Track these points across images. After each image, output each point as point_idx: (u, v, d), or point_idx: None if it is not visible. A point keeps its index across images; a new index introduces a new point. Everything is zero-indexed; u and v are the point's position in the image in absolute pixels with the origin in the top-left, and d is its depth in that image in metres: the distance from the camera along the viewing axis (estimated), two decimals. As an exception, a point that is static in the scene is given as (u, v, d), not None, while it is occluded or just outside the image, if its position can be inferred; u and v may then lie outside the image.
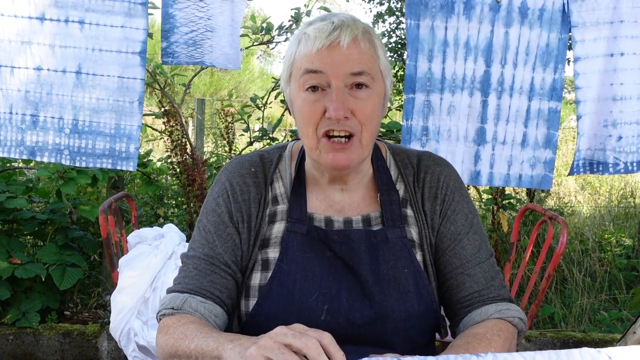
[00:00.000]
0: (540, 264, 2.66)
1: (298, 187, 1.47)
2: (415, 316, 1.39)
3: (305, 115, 1.36)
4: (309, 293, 1.37)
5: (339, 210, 1.47)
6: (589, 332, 3.71)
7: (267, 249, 1.43)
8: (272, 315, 1.36)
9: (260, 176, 1.48)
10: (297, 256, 1.40)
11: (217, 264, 1.41)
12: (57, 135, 2.69)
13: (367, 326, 1.37)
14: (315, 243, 1.41)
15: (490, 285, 1.45)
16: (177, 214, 4.74)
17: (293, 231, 1.42)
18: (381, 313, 1.37)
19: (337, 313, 1.36)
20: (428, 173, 1.51)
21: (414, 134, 2.79)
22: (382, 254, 1.41)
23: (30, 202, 4.00)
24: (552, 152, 2.87)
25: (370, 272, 1.38)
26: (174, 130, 3.96)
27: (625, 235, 5.38)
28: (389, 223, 1.44)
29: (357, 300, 1.37)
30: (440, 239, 1.47)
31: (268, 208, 1.46)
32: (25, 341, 3.40)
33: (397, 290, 1.38)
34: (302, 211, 1.44)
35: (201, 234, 1.45)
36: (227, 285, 1.41)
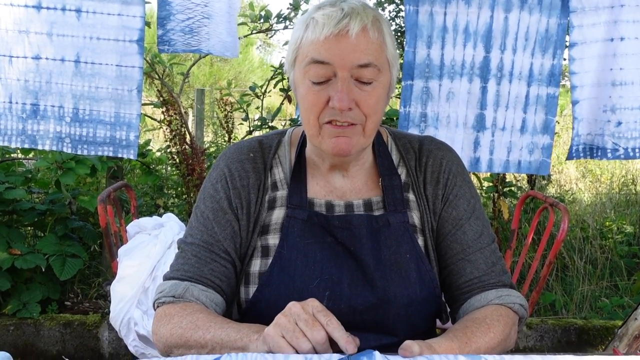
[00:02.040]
0: (541, 251, 2.65)
1: (298, 173, 1.45)
2: (417, 301, 1.39)
3: (309, 103, 1.35)
4: (310, 279, 1.36)
5: (340, 196, 1.46)
6: (590, 319, 3.70)
7: (266, 235, 1.42)
8: (273, 302, 1.35)
9: (259, 162, 1.47)
10: (298, 242, 1.39)
11: (217, 252, 1.40)
12: (58, 124, 2.69)
13: (369, 312, 1.36)
14: (316, 229, 1.40)
15: (491, 271, 1.44)
16: (177, 204, 4.73)
17: (293, 217, 1.41)
18: (383, 298, 1.36)
19: (338, 299, 1.35)
20: (430, 157, 1.49)
21: (412, 120, 2.78)
22: (383, 239, 1.40)
23: (29, 192, 3.99)
24: (550, 137, 2.86)
25: (372, 257, 1.38)
26: (173, 119, 3.94)
27: (626, 222, 5.37)
28: (391, 208, 1.43)
29: (359, 285, 1.36)
30: (442, 224, 1.46)
31: (267, 194, 1.45)
32: (26, 332, 3.40)
33: (399, 276, 1.37)
34: (302, 197, 1.43)
35: (199, 220, 1.44)
36: (227, 273, 1.40)
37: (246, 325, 1.23)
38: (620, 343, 2.69)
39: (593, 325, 3.56)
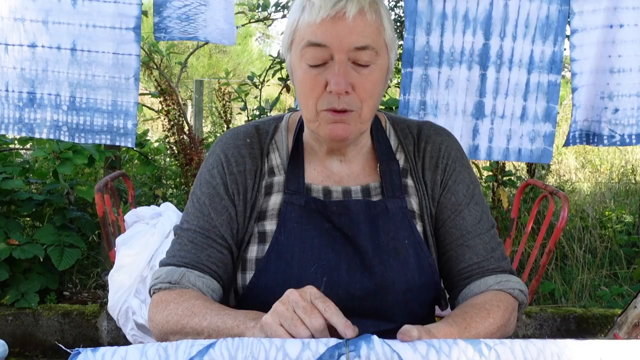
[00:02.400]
0: (541, 239, 2.64)
1: (295, 158, 1.44)
2: (416, 288, 1.38)
3: (307, 88, 1.33)
4: (308, 265, 1.35)
5: (338, 181, 1.44)
6: (589, 308, 3.70)
7: (263, 221, 1.41)
8: (270, 288, 1.33)
9: (255, 147, 1.45)
10: (295, 228, 1.37)
11: (214, 237, 1.38)
12: (55, 112, 2.68)
13: (367, 298, 1.35)
14: (313, 215, 1.38)
15: (491, 256, 1.42)
16: (176, 195, 4.72)
17: (290, 203, 1.39)
18: (381, 284, 1.35)
19: (336, 285, 1.34)
20: (429, 143, 1.48)
21: (411, 108, 2.76)
22: (382, 224, 1.38)
23: (27, 183, 3.98)
24: (552, 125, 2.84)
25: (370, 243, 1.36)
26: (171, 109, 3.93)
27: (625, 212, 5.37)
28: (389, 194, 1.42)
29: (357, 271, 1.35)
30: (441, 210, 1.45)
31: (264, 180, 1.44)
32: (25, 322, 3.39)
33: (397, 262, 1.36)
34: (299, 182, 1.41)
35: (195, 206, 1.42)
36: (224, 259, 1.39)
37: (243, 312, 1.22)
38: (619, 331, 2.69)
39: (592, 314, 3.55)
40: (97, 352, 0.99)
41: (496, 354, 1.00)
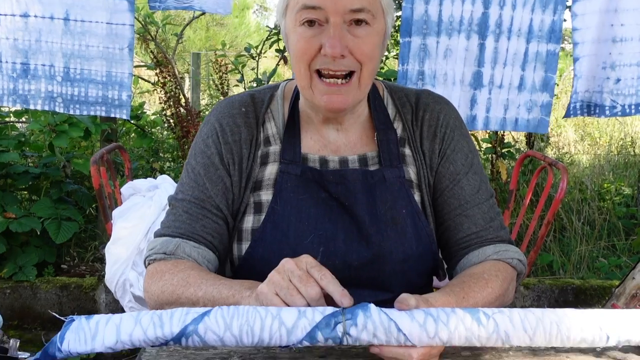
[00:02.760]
0: (539, 211, 2.63)
1: (292, 127, 1.41)
2: (414, 257, 1.36)
3: (300, 51, 1.29)
4: (304, 235, 1.33)
5: (334, 150, 1.42)
6: (587, 279, 3.71)
7: (259, 191, 1.39)
8: (266, 258, 1.32)
9: (251, 116, 1.42)
10: (291, 198, 1.35)
11: (209, 208, 1.36)
12: (49, 83, 2.65)
13: (364, 268, 1.34)
14: (309, 184, 1.36)
15: (489, 226, 1.41)
16: (173, 168, 4.70)
17: (287, 172, 1.37)
18: (378, 254, 1.34)
19: (333, 255, 1.33)
20: (427, 111, 1.45)
21: (409, 78, 2.73)
22: (379, 194, 1.36)
23: (23, 156, 3.95)
24: (550, 95, 2.82)
25: (367, 212, 1.35)
26: (167, 81, 3.89)
27: (624, 184, 5.36)
28: (387, 163, 1.39)
29: (354, 241, 1.34)
30: (439, 179, 1.43)
31: (260, 149, 1.41)
32: (23, 295, 3.40)
33: (394, 231, 1.35)
34: (295, 152, 1.39)
35: (190, 176, 1.40)
36: (219, 229, 1.37)
37: (238, 282, 1.21)
38: (617, 302, 2.69)
39: (590, 285, 3.56)
40: (91, 320, 0.98)
41: (495, 322, 1.00)
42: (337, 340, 0.98)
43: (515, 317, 1.01)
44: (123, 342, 0.97)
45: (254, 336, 0.97)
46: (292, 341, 0.97)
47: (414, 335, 0.98)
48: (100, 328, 0.97)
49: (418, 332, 0.98)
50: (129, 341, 0.97)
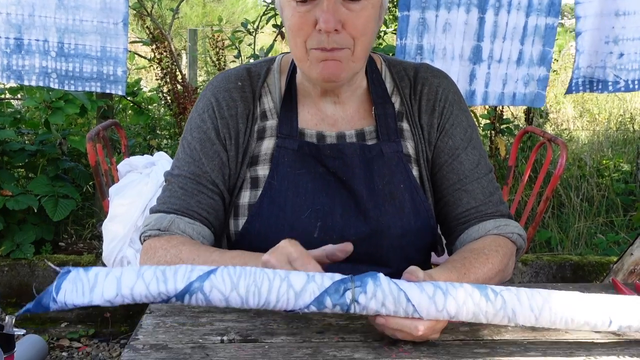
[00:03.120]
0: (538, 187, 2.62)
1: (288, 102, 1.39)
2: (412, 232, 1.35)
3: (295, 26, 1.27)
4: (301, 210, 1.32)
5: (332, 125, 1.40)
6: (585, 255, 3.71)
7: (256, 166, 1.37)
8: (263, 234, 1.31)
9: (247, 90, 1.40)
10: (288, 173, 1.34)
11: (204, 183, 1.35)
12: (44, 59, 2.62)
13: (362, 243, 1.32)
14: (307, 159, 1.35)
15: (489, 201, 1.40)
16: (170, 145, 4.68)
17: (284, 147, 1.35)
18: (376, 229, 1.33)
19: (330, 229, 1.31)
20: (425, 85, 1.43)
21: (408, 53, 2.71)
22: (377, 169, 1.35)
23: (19, 134, 3.92)
24: (547, 69, 2.80)
25: (365, 187, 1.33)
26: (163, 57, 3.85)
27: (623, 160, 5.35)
28: (384, 137, 1.38)
29: (352, 216, 1.33)
30: (437, 154, 1.41)
31: (256, 124, 1.39)
32: (21, 272, 3.39)
33: (392, 206, 1.34)
34: (292, 126, 1.37)
35: (186, 151, 1.38)
36: (215, 205, 1.36)
37: (230, 255, 1.20)
38: (615, 278, 2.69)
39: (588, 261, 3.56)
40: (90, 272, 0.95)
41: (502, 299, 0.99)
42: (345, 308, 0.97)
43: (523, 295, 1.01)
44: (123, 296, 0.94)
45: (260, 297, 0.95)
46: (300, 305, 0.96)
47: (423, 306, 0.98)
48: (100, 280, 0.94)
49: (427, 304, 0.98)
50: (130, 295, 0.94)
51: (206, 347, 1.03)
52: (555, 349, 1.05)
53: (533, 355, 1.03)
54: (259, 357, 1.00)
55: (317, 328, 1.12)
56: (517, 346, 1.06)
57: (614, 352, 1.04)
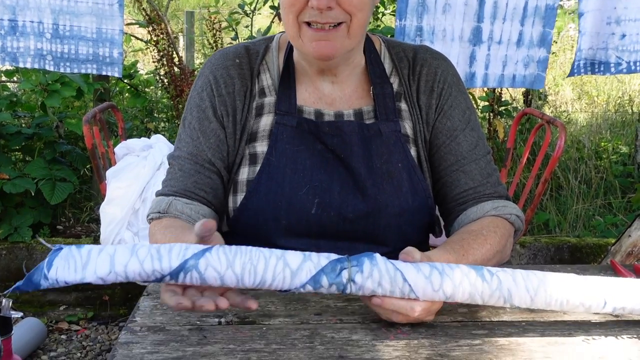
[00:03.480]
0: (537, 169, 2.61)
1: (287, 79, 1.39)
2: (409, 211, 1.35)
3: (287, 2, 1.26)
4: (299, 186, 1.32)
5: (330, 104, 1.40)
6: (583, 237, 3.72)
7: (254, 142, 1.37)
8: (261, 209, 1.32)
9: (245, 68, 1.40)
10: (287, 149, 1.34)
11: (201, 163, 1.35)
12: (39, 40, 2.59)
13: (360, 220, 1.33)
14: (305, 136, 1.35)
15: (487, 182, 1.39)
16: (168, 128, 4.66)
17: (282, 124, 1.35)
18: (374, 207, 1.33)
19: (328, 206, 1.32)
20: (425, 66, 1.43)
21: (407, 34, 2.69)
22: (375, 148, 1.35)
23: (15, 117, 3.90)
24: (547, 51, 2.77)
25: (363, 165, 1.33)
26: (160, 39, 3.82)
27: (621, 142, 5.34)
28: (382, 117, 1.37)
29: (350, 193, 1.33)
30: (435, 135, 1.41)
31: (255, 101, 1.39)
32: (19, 255, 3.39)
33: (390, 185, 1.34)
34: (291, 103, 1.37)
35: (186, 131, 1.39)
36: (212, 184, 1.36)
37: None
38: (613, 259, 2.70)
39: (586, 243, 3.57)
40: (83, 249, 0.93)
41: (498, 280, 0.99)
42: (341, 287, 0.97)
43: (518, 276, 1.01)
44: (117, 273, 0.92)
45: (256, 276, 0.95)
46: (296, 284, 0.96)
47: (419, 286, 0.98)
48: (93, 257, 0.92)
49: (423, 283, 0.98)
50: (124, 272, 0.92)
51: (204, 329, 1.03)
52: (554, 330, 1.05)
53: (531, 336, 1.03)
54: (256, 339, 1.00)
55: (315, 310, 1.12)
56: (515, 327, 1.06)
57: (612, 333, 1.05)
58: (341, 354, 0.96)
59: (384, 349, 0.97)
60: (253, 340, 0.99)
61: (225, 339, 0.99)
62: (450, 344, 1.00)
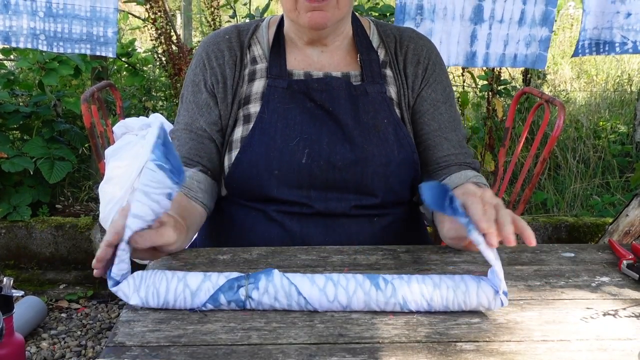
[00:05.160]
0: (535, 149, 2.61)
1: (277, 49, 1.49)
2: (395, 163, 1.43)
3: None
4: (290, 138, 1.40)
5: (319, 68, 1.49)
6: (581, 217, 3.73)
7: (248, 105, 1.46)
8: (254, 161, 1.40)
9: (234, 42, 1.50)
10: (279, 107, 1.42)
11: (195, 130, 1.45)
12: (31, 19, 2.56)
13: (348, 169, 1.40)
14: (296, 95, 1.44)
15: (465, 152, 1.51)
16: (166, 107, 4.64)
17: (274, 86, 1.44)
18: (361, 156, 1.40)
19: (317, 156, 1.39)
20: (412, 43, 1.54)
21: (407, 13, 2.66)
22: (362, 105, 1.44)
23: (13, 95, 3.88)
24: (549, 30, 2.75)
25: (351, 117, 1.42)
26: (157, 17, 3.79)
27: (620, 122, 5.34)
28: (369, 79, 1.47)
29: (338, 143, 1.41)
30: (420, 102, 1.50)
31: (247, 68, 1.49)
32: (18, 234, 3.40)
33: (377, 137, 1.42)
34: (281, 69, 1.46)
35: (183, 106, 1.50)
36: (206, 149, 1.45)
37: None
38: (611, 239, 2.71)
39: (584, 223, 3.58)
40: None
41: (392, 287, 1.02)
42: (240, 304, 1.01)
43: (414, 282, 1.02)
44: None
45: (159, 298, 1.01)
46: (197, 304, 1.01)
47: (314, 298, 1.01)
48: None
49: (318, 295, 1.01)
50: None
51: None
52: (552, 309, 1.06)
53: (529, 314, 1.04)
54: (257, 317, 1.00)
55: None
56: (513, 306, 1.07)
57: (610, 312, 1.05)
58: (341, 332, 0.96)
59: (383, 327, 0.98)
60: (253, 319, 1.00)
61: (226, 318, 1.00)
62: (449, 322, 1.00)
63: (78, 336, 3.01)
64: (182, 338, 0.94)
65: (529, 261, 1.26)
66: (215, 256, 1.24)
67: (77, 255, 3.40)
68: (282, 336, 0.95)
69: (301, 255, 1.25)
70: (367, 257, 1.25)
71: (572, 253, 1.31)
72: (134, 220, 1.00)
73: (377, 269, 1.19)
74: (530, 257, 1.28)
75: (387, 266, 1.21)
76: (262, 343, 0.93)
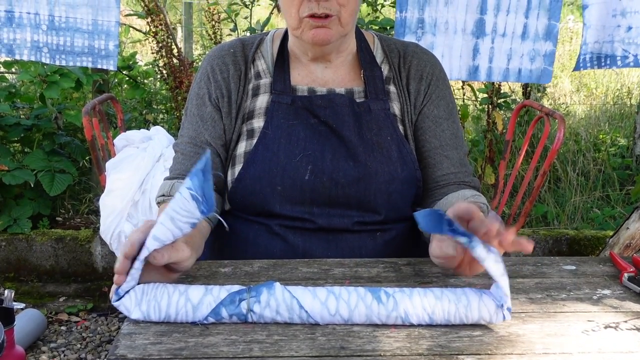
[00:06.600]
0: (535, 162, 2.61)
1: (281, 64, 1.49)
2: (399, 180, 1.43)
3: (287, 1, 1.38)
4: (293, 155, 1.40)
5: (322, 84, 1.49)
6: (581, 230, 3.72)
7: (251, 120, 1.46)
8: (257, 177, 1.40)
9: (239, 55, 1.51)
10: (282, 123, 1.43)
11: (200, 145, 1.46)
12: (35, 32, 2.58)
13: (351, 186, 1.40)
14: (300, 111, 1.44)
15: (465, 170, 1.51)
16: (167, 120, 4.65)
17: (278, 102, 1.45)
18: (365, 173, 1.40)
19: (320, 172, 1.40)
20: (415, 58, 1.54)
21: (408, 26, 2.68)
22: (365, 122, 1.44)
23: (14, 108, 3.89)
24: (553, 44, 2.76)
25: (354, 134, 1.42)
26: (158, 30, 3.81)
27: (620, 135, 5.34)
28: (372, 96, 1.47)
29: (341, 160, 1.41)
30: (422, 119, 1.50)
31: (251, 83, 1.49)
32: (19, 247, 3.39)
33: (380, 154, 1.42)
34: (285, 84, 1.47)
35: (188, 119, 1.50)
36: (212, 163, 1.43)
37: None
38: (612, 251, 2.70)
39: (584, 236, 3.58)
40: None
41: (394, 301, 1.02)
42: (242, 317, 1.01)
43: (415, 296, 1.02)
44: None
45: (161, 312, 1.01)
46: (198, 317, 1.01)
47: (316, 312, 1.01)
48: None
49: (319, 309, 1.01)
50: None
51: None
52: (553, 322, 1.06)
53: (531, 327, 1.04)
54: (258, 330, 1.00)
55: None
56: (514, 319, 1.06)
57: (611, 325, 1.05)
58: (342, 345, 0.96)
59: (385, 340, 0.98)
60: (255, 332, 1.00)
61: (228, 330, 1.00)
62: (451, 335, 1.00)
63: (78, 349, 3.00)
64: (183, 351, 0.94)
65: (530, 274, 1.26)
66: (216, 269, 1.24)
67: (77, 268, 3.39)
68: (283, 349, 0.95)
69: (302, 268, 1.25)
70: (369, 270, 1.25)
71: (573, 266, 1.31)
72: (154, 242, 1.00)
73: (379, 282, 1.19)
74: (531, 269, 1.29)
75: (388, 279, 1.21)
76: (264, 356, 0.93)
